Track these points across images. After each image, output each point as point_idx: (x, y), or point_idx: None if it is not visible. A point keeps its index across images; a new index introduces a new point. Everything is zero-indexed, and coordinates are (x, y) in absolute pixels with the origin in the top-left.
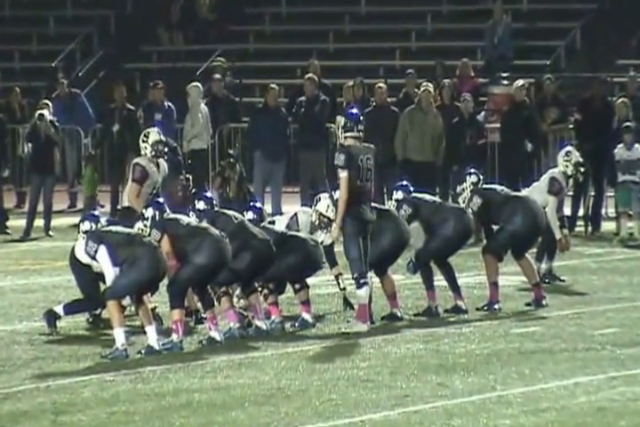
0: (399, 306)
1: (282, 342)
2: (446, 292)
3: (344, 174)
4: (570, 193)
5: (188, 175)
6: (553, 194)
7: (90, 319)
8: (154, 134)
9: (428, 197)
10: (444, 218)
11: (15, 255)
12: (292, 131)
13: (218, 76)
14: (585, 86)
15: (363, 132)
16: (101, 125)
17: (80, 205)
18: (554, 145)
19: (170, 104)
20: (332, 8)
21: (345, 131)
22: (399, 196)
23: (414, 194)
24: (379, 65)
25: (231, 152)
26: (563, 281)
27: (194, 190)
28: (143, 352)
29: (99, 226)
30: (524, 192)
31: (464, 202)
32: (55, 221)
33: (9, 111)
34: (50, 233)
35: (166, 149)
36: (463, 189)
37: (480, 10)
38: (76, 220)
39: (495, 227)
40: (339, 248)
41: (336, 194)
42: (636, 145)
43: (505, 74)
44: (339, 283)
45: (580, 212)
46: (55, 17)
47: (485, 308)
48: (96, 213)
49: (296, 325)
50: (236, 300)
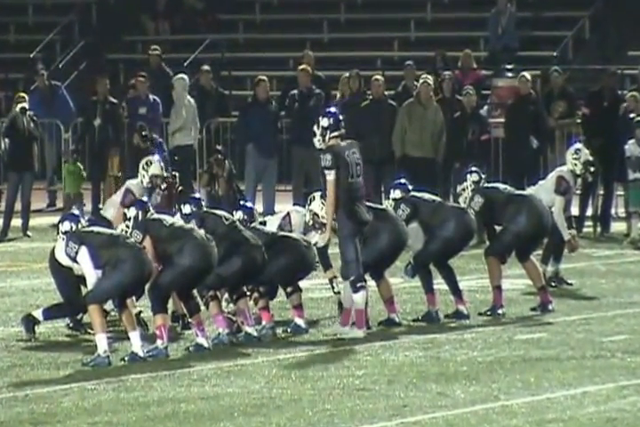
0: (397, 311)
1: (273, 348)
2: (447, 296)
3: (331, 177)
4: (578, 192)
5: (174, 173)
6: (560, 194)
7: (70, 324)
8: (155, 166)
9: (427, 196)
10: (444, 218)
11: None
12: (284, 126)
13: (206, 67)
14: (594, 79)
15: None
16: (82, 119)
17: (60, 204)
18: (561, 141)
19: (155, 97)
20: None
21: (331, 131)
22: (397, 195)
23: (413, 193)
24: (376, 56)
25: (219, 148)
26: (570, 285)
27: (180, 188)
28: (127, 359)
29: (79, 226)
30: (529, 191)
31: (465, 202)
32: (33, 221)
33: None
34: (28, 233)
35: (163, 184)
36: (464, 189)
37: None
38: (55, 219)
39: (498, 228)
40: (333, 250)
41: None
42: None
43: (509, 66)
44: (333, 286)
45: (589, 211)
46: (34, 5)
47: (488, 313)
48: (76, 213)
49: (288, 330)
50: (224, 304)
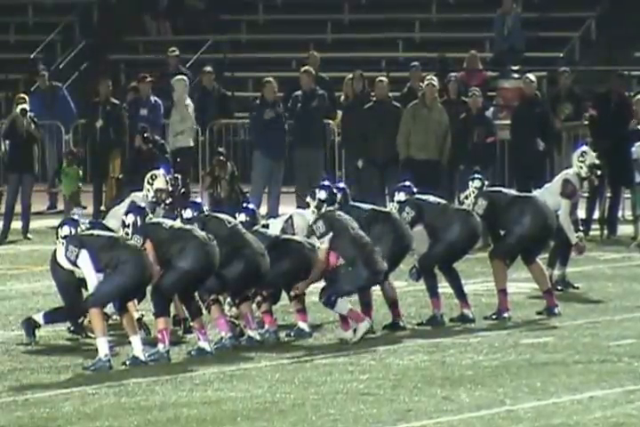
0: (401, 315)
1: (276, 352)
2: (452, 299)
3: (325, 245)
4: (584, 195)
5: (176, 175)
6: (566, 197)
7: (71, 328)
8: (160, 180)
9: (432, 198)
10: (449, 221)
11: None
12: (288, 127)
13: (208, 68)
14: (601, 80)
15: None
16: (84, 121)
17: (60, 206)
18: (568, 143)
19: (156, 99)
20: None
21: (328, 204)
22: (401, 197)
23: (417, 195)
24: (380, 57)
25: (221, 150)
26: (577, 288)
27: (183, 190)
28: (128, 363)
29: (79, 231)
30: (535, 194)
31: (469, 207)
32: (34, 223)
33: None
34: (28, 236)
35: (169, 199)
36: (467, 197)
37: None
38: (56, 222)
39: (503, 232)
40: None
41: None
42: None
43: (515, 67)
44: None
45: (596, 214)
46: (34, 5)
47: (494, 317)
48: (75, 218)
49: (291, 334)
50: (227, 308)
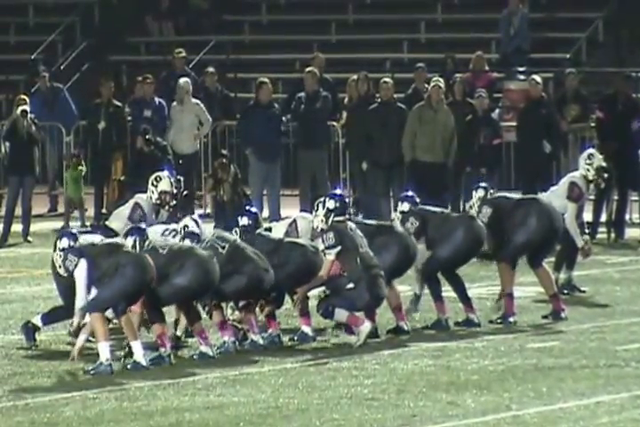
0: (406, 319)
1: (279, 357)
2: (457, 304)
3: (331, 256)
4: (591, 197)
5: (179, 177)
6: (573, 200)
7: (71, 331)
8: (165, 182)
9: (434, 208)
10: (452, 228)
11: None
12: (291, 129)
13: (211, 69)
14: (608, 82)
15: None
16: (85, 123)
17: (61, 209)
18: (574, 145)
19: (160, 100)
20: None
21: (336, 215)
22: (405, 207)
23: (421, 206)
24: (385, 58)
25: (224, 152)
26: (583, 292)
27: (185, 193)
28: (129, 368)
29: (77, 244)
30: (541, 196)
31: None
32: (34, 226)
33: None
34: (29, 239)
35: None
36: (471, 206)
37: None
38: (56, 224)
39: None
40: None
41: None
42: None
43: (522, 68)
44: None
45: (603, 217)
46: (35, 5)
47: (499, 321)
48: (74, 231)
49: (295, 338)
50: (229, 312)
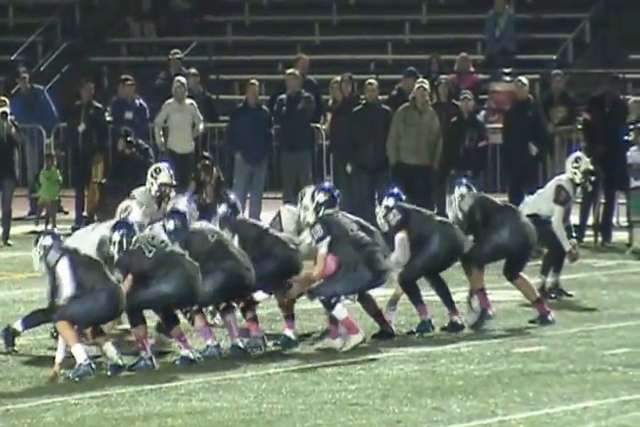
0: (390, 322)
1: (263, 362)
2: (442, 308)
3: (323, 249)
4: (578, 200)
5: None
6: (559, 203)
7: (54, 333)
8: (164, 174)
9: (418, 208)
10: (431, 232)
11: None
12: (274, 131)
13: (193, 70)
14: (595, 83)
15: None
16: (65, 124)
17: (42, 212)
18: (561, 148)
19: (141, 101)
20: None
21: (326, 207)
22: (390, 203)
23: (406, 204)
24: (369, 59)
25: (207, 154)
26: (570, 296)
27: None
28: (110, 374)
29: (60, 244)
30: (527, 199)
31: (453, 212)
32: (14, 229)
33: None
34: (9, 242)
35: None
36: (451, 202)
37: None
38: (37, 228)
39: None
40: None
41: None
42: None
43: (507, 69)
44: None
45: (590, 220)
46: (15, 5)
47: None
48: (56, 233)
49: (278, 343)
50: (209, 317)
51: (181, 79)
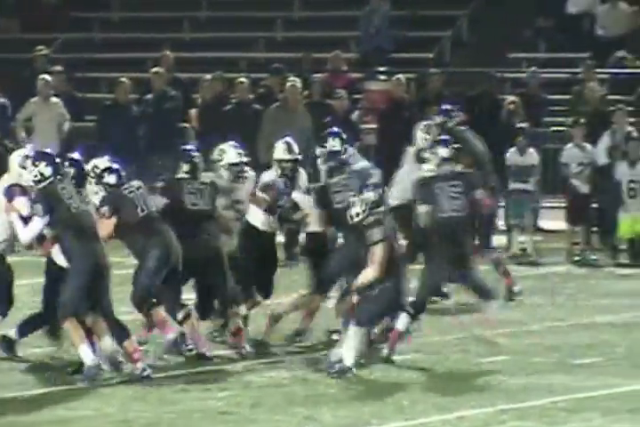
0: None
1: (128, 369)
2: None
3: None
4: None
5: None
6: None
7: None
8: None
9: None
10: None
11: None
12: (142, 131)
13: (58, 68)
14: (472, 82)
15: None
16: None
17: None
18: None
19: (4, 100)
20: None
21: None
22: None
23: None
24: (240, 57)
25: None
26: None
27: None
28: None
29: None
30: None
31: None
32: None
33: None
34: None
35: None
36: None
37: None
38: None
39: None
40: None
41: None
42: (531, 149)
43: (382, 68)
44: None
45: None
46: None
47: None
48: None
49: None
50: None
51: (46, 77)
